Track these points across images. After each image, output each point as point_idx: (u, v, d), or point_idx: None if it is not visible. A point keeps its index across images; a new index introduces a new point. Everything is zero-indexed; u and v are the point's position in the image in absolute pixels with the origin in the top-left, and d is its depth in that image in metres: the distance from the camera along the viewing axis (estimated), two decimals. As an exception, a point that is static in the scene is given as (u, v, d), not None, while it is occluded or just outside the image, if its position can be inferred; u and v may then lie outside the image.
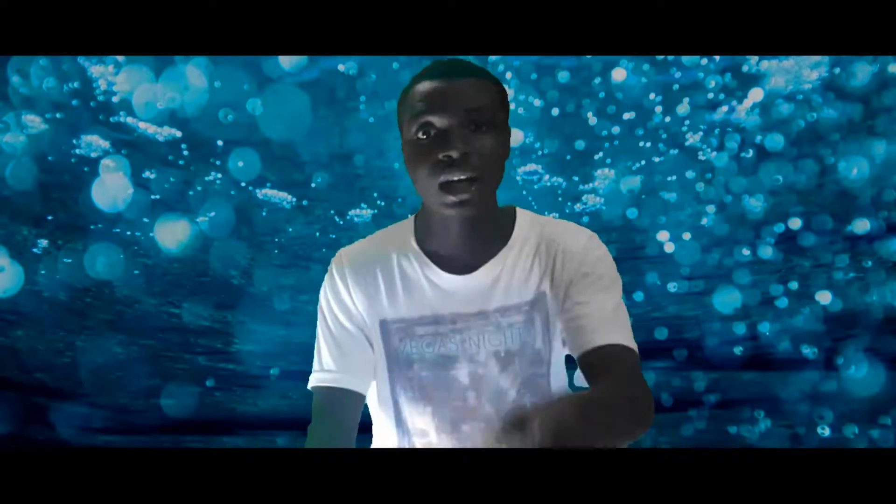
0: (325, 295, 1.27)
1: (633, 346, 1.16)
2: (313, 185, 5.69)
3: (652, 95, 5.27)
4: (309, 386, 1.26)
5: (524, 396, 1.22)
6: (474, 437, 1.22)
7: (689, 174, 5.51)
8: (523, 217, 1.27)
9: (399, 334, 1.23)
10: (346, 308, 1.24)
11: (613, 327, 1.15)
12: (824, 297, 4.79)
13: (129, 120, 5.19)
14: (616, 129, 5.44)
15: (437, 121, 1.10)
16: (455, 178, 1.09)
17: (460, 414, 1.22)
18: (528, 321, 1.21)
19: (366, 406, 1.31)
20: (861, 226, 4.80)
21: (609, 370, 1.11)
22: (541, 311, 1.22)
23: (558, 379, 1.26)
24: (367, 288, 1.24)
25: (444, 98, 1.10)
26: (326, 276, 1.27)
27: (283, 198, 5.78)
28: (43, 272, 5.17)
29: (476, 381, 1.21)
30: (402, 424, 1.26)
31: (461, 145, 1.08)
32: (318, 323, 1.27)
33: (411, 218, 1.29)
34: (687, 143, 5.49)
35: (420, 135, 1.11)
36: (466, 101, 1.10)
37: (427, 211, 1.23)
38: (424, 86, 1.13)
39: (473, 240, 1.20)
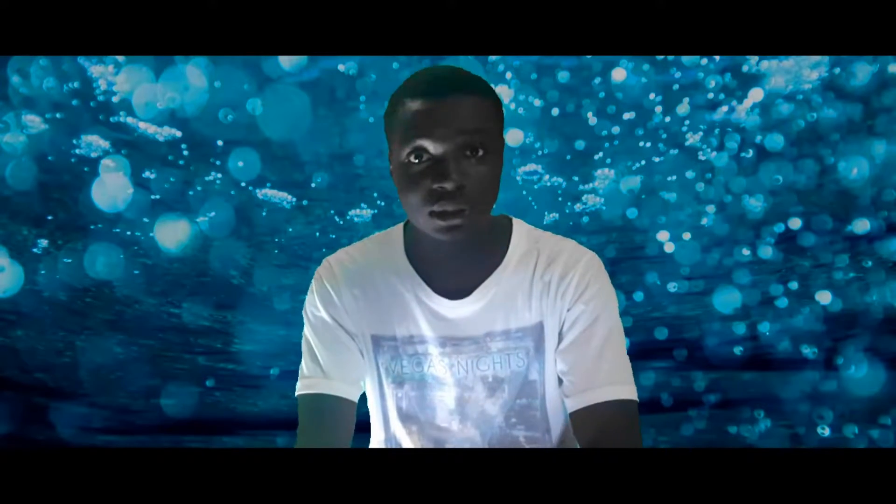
0: (313, 303, 1.21)
1: (623, 392, 1.11)
2: (313, 185, 5.69)
3: (652, 95, 5.27)
4: (297, 393, 1.20)
5: (512, 424, 1.19)
6: None
7: (689, 174, 5.51)
8: (519, 231, 1.21)
9: (391, 352, 1.19)
10: (339, 315, 1.19)
11: (603, 377, 1.11)
12: (824, 297, 4.78)
13: (129, 120, 5.19)
14: (616, 129, 5.44)
15: (432, 146, 1.02)
16: (448, 209, 1.03)
17: (445, 435, 1.20)
18: (519, 349, 1.17)
19: (366, 407, 1.31)
20: (861, 226, 4.79)
21: (599, 436, 1.09)
22: (536, 341, 1.17)
23: (557, 415, 1.22)
24: (359, 301, 1.19)
25: (437, 121, 1.02)
26: (314, 284, 1.22)
27: (283, 198, 5.77)
28: (43, 272, 5.17)
29: (461, 406, 1.19)
30: (390, 440, 1.25)
31: (457, 176, 1.02)
32: (306, 331, 1.22)
33: (399, 229, 1.23)
34: (687, 143, 5.49)
35: (412, 158, 1.04)
36: (462, 123, 1.02)
37: (416, 227, 1.17)
38: (416, 104, 1.03)
39: (466, 262, 1.16)
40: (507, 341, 1.17)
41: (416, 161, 1.04)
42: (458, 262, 1.16)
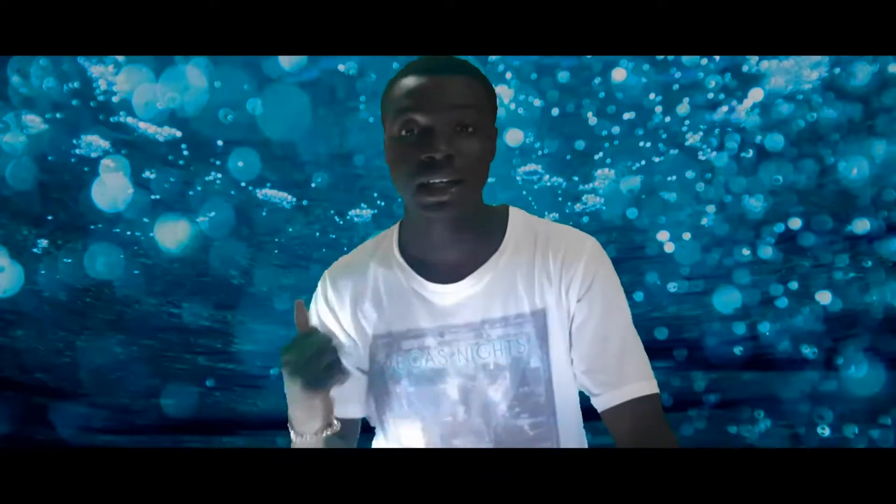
0: (313, 320, 1.23)
1: (651, 387, 1.13)
2: (313, 185, 5.69)
3: (652, 95, 5.27)
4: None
5: (516, 413, 1.16)
6: None
7: (689, 174, 5.51)
8: (516, 218, 1.20)
9: (385, 350, 1.18)
10: (335, 333, 1.20)
11: (629, 372, 1.12)
12: (824, 297, 4.78)
13: (129, 120, 5.19)
14: (616, 129, 5.44)
15: (422, 119, 1.05)
16: (436, 181, 1.04)
17: (450, 429, 1.17)
18: (520, 335, 1.14)
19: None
20: (861, 226, 4.79)
21: (635, 431, 1.10)
22: (538, 328, 1.14)
23: (563, 401, 1.17)
24: (352, 306, 1.20)
25: (429, 95, 1.05)
26: (313, 301, 1.24)
27: (283, 198, 5.77)
28: (43, 272, 5.17)
29: (465, 395, 1.16)
30: (390, 441, 1.23)
31: (445, 147, 1.03)
32: None
33: (395, 226, 1.24)
34: (687, 143, 5.48)
35: (403, 132, 1.07)
36: (453, 99, 1.05)
37: (410, 217, 1.18)
38: (410, 81, 1.07)
39: (459, 245, 1.14)
40: (507, 328, 1.14)
41: (407, 134, 1.07)
42: (451, 250, 1.15)
